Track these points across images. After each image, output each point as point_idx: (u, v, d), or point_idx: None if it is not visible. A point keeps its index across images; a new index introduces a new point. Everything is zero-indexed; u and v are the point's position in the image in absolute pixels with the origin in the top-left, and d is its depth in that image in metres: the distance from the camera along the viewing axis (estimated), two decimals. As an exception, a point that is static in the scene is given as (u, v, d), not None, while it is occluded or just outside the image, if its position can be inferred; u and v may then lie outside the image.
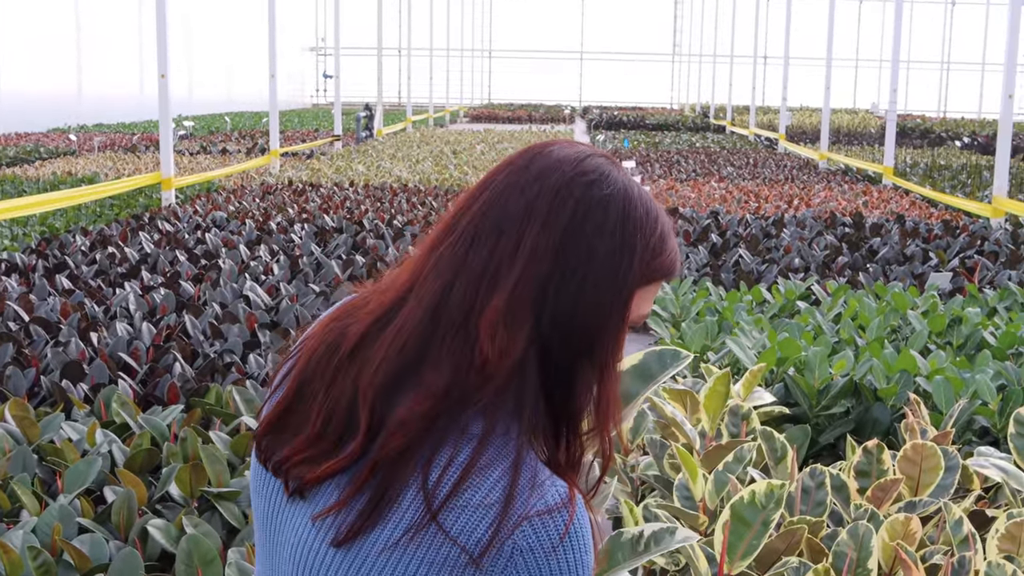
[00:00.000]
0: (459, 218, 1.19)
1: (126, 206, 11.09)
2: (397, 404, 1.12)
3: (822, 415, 4.12)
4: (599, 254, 1.13)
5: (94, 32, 27.97)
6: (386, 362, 1.13)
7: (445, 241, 1.19)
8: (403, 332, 1.14)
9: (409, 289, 1.19)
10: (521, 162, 1.20)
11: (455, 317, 1.13)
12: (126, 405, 4.13)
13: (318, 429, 1.16)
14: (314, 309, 6.14)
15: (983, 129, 29.34)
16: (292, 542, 1.18)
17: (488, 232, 1.15)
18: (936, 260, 8.23)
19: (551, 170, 1.17)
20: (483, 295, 1.12)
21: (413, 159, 16.99)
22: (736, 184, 14.43)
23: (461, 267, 1.15)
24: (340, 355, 1.17)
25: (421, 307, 1.15)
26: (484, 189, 1.20)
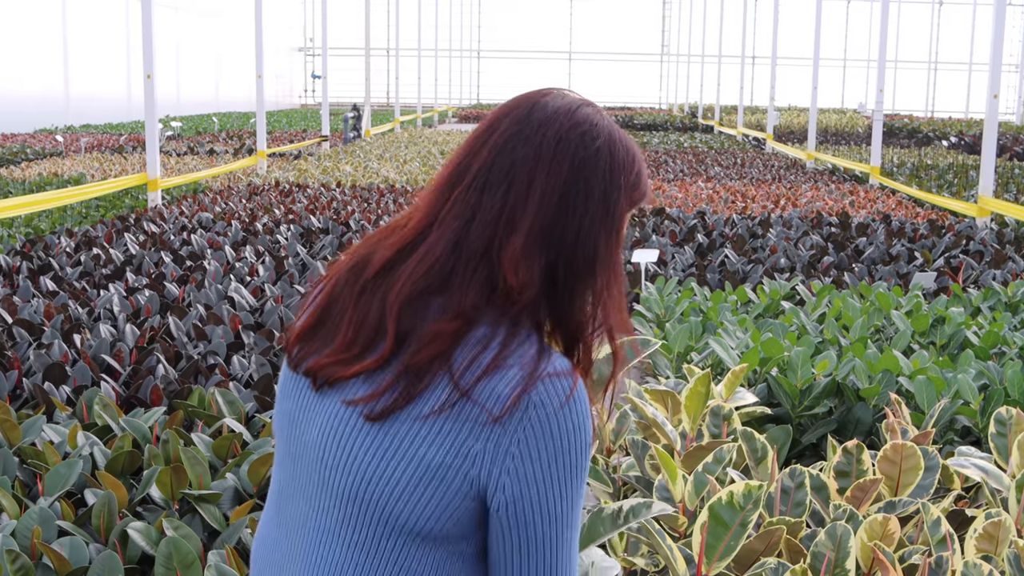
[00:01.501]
0: (469, 162, 1.38)
1: (112, 207, 11.06)
2: (422, 318, 1.32)
3: (805, 415, 4.13)
4: (595, 193, 1.36)
5: (81, 33, 27.89)
6: (411, 282, 1.33)
7: (459, 184, 1.37)
8: (428, 258, 1.34)
9: (428, 226, 1.37)
10: (521, 112, 1.39)
11: (477, 249, 1.33)
12: (108, 407, 4.12)
13: (348, 338, 1.35)
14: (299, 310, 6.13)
15: (970, 129, 29.43)
16: (320, 425, 1.37)
17: (500, 178, 1.35)
18: (921, 260, 8.26)
19: (550, 121, 1.37)
20: (502, 233, 1.33)
21: (401, 160, 16.98)
22: (723, 184, 14.45)
23: (477, 208, 1.34)
24: (366, 277, 1.38)
25: (443, 240, 1.34)
26: (490, 134, 1.39)
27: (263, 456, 3.47)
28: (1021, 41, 43.57)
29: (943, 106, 47.37)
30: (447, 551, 1.35)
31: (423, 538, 1.33)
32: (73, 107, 27.64)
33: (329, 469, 1.36)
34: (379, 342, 1.33)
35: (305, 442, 1.39)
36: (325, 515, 1.37)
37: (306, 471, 1.39)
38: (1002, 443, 3.42)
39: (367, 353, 1.33)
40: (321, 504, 1.37)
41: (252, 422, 4.22)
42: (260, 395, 4.43)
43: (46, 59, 26.44)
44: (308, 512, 1.39)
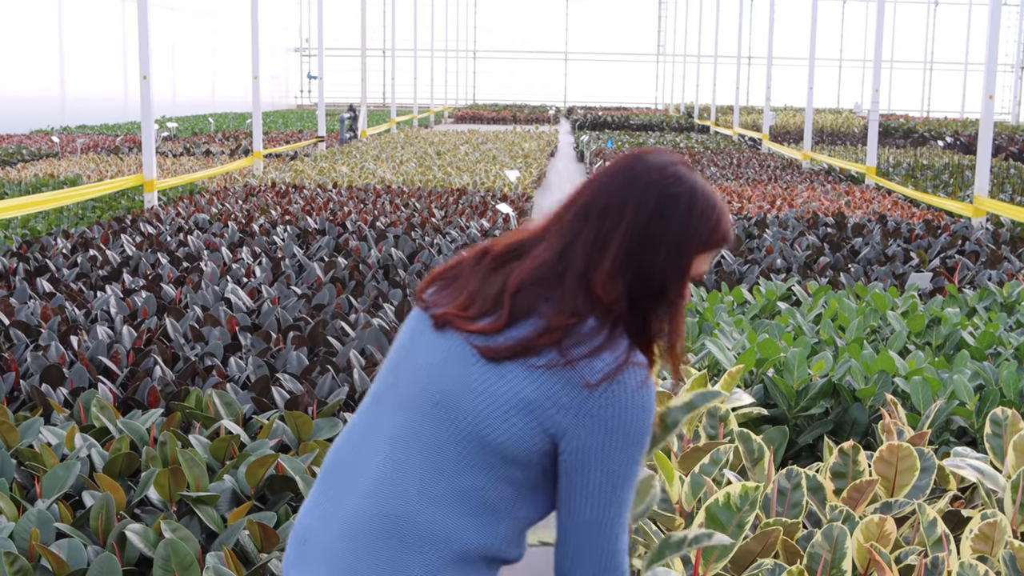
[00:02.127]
0: (578, 197, 1.77)
1: (108, 208, 11.06)
2: (534, 307, 1.71)
3: (801, 416, 4.14)
4: (671, 234, 1.70)
5: (77, 33, 27.87)
6: (527, 273, 1.73)
7: (569, 211, 1.77)
8: (537, 259, 1.74)
9: (540, 238, 1.78)
10: (626, 162, 1.77)
11: (578, 266, 1.71)
12: (105, 409, 4.12)
13: (465, 302, 1.76)
14: (295, 312, 6.14)
15: (965, 129, 29.47)
16: (438, 352, 1.76)
17: (598, 211, 1.73)
18: (917, 260, 8.27)
19: (646, 172, 1.74)
20: (595, 256, 1.71)
21: (397, 160, 16.98)
22: (720, 184, 14.46)
23: (580, 231, 1.73)
24: (486, 261, 1.79)
25: (551, 250, 1.74)
26: (600, 176, 1.78)
27: (261, 458, 3.47)
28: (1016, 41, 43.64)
29: (939, 106, 47.42)
30: (503, 471, 1.72)
31: (492, 451, 1.70)
32: (69, 108, 27.62)
33: (436, 383, 1.74)
34: (495, 311, 1.73)
35: (416, 364, 1.77)
36: (416, 419, 1.75)
37: (409, 386, 1.77)
38: (998, 444, 3.43)
39: (483, 317, 1.73)
40: (414, 411, 1.75)
41: (249, 424, 4.23)
42: (257, 396, 4.43)
43: (42, 60, 26.43)
44: (399, 418, 1.77)
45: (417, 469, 1.72)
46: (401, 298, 6.52)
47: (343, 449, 1.86)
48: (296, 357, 5.02)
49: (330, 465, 1.86)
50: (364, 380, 4.72)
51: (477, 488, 1.71)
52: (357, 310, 6.19)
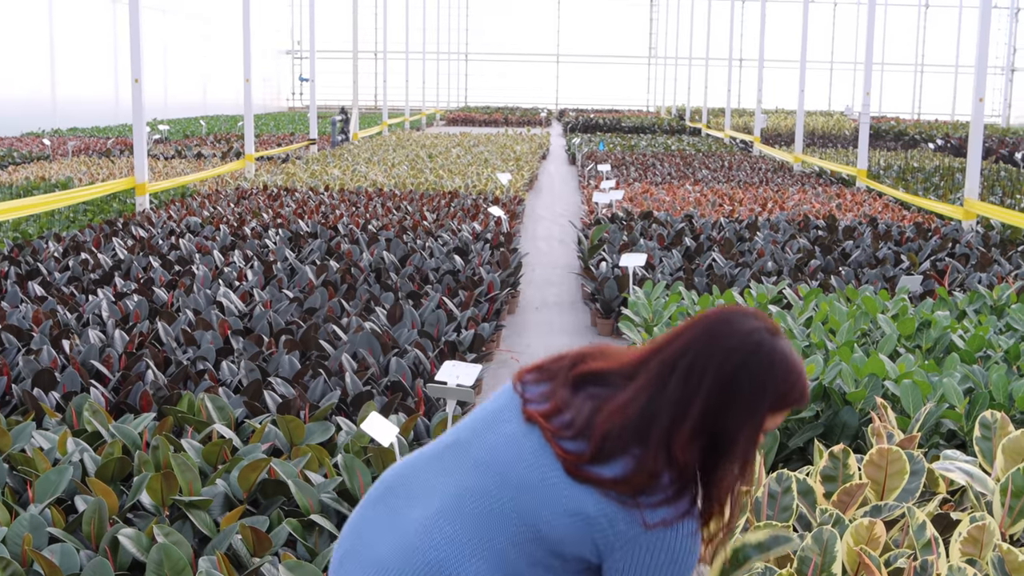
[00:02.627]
0: (665, 347, 1.89)
1: (100, 211, 11.05)
2: (621, 455, 1.84)
3: (791, 419, 4.16)
4: (745, 397, 1.83)
5: (68, 35, 27.81)
6: (616, 424, 1.85)
7: (655, 360, 1.89)
8: (627, 411, 1.86)
9: (630, 377, 1.91)
10: (711, 325, 1.88)
11: (662, 422, 1.83)
12: (98, 413, 4.12)
13: (553, 410, 1.91)
14: (287, 315, 6.14)
15: (956, 131, 29.55)
16: (518, 436, 1.91)
17: (684, 368, 1.85)
18: (908, 263, 8.30)
19: (728, 337, 1.85)
20: (678, 418, 1.83)
21: (389, 163, 16.99)
22: (711, 187, 14.49)
23: (666, 383, 1.85)
24: (574, 372, 1.94)
25: (638, 403, 1.85)
26: (685, 333, 1.89)
27: (253, 462, 3.48)
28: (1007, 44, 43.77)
29: (929, 108, 47.55)
30: (545, 558, 1.86)
31: (541, 540, 1.85)
32: (60, 110, 27.56)
33: (511, 465, 1.89)
34: (582, 438, 1.86)
35: (497, 437, 1.93)
36: (481, 485, 1.90)
37: (484, 453, 1.92)
38: (987, 447, 3.45)
39: (570, 438, 1.87)
40: (483, 478, 1.90)
41: (242, 428, 4.24)
42: (250, 400, 4.44)
43: (32, 62, 26.37)
44: (466, 480, 1.92)
45: (470, 529, 1.87)
46: (393, 301, 6.53)
47: (408, 479, 2.01)
48: (288, 361, 5.03)
49: (394, 485, 2.02)
50: (356, 384, 4.73)
51: (516, 565, 1.86)
52: (349, 313, 6.20)
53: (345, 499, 3.57)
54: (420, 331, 5.76)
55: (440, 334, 5.90)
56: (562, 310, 8.22)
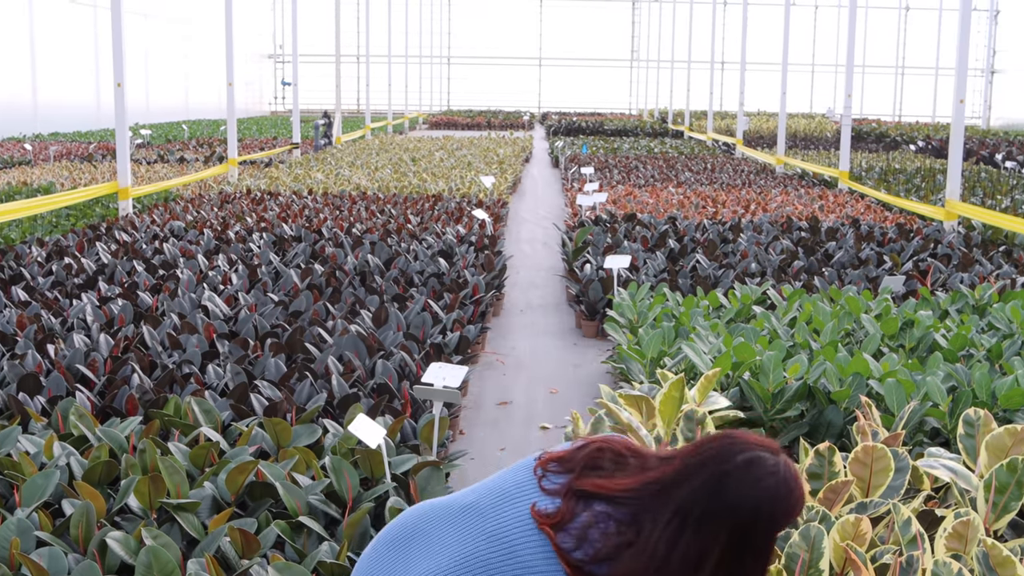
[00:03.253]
0: (683, 480, 1.81)
1: (83, 216, 11.01)
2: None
3: (777, 418, 4.18)
4: (753, 556, 1.77)
5: (49, 41, 27.70)
6: (634, 568, 1.79)
7: (670, 497, 1.80)
8: (636, 561, 1.79)
9: (635, 515, 1.82)
10: (726, 466, 1.78)
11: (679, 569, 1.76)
12: (84, 417, 4.12)
13: (560, 519, 1.86)
14: (272, 319, 6.14)
15: (937, 133, 29.70)
16: (521, 515, 1.90)
17: (695, 528, 1.76)
18: (890, 263, 8.35)
19: (744, 500, 1.76)
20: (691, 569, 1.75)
21: (372, 167, 16.98)
22: (694, 189, 14.54)
23: (675, 543, 1.76)
24: (584, 484, 1.88)
25: (645, 554, 1.77)
26: (700, 470, 1.80)
27: (241, 465, 3.48)
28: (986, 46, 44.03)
29: (910, 110, 47.77)
30: None
31: None
32: (41, 115, 27.44)
33: (516, 543, 1.87)
34: (591, 562, 1.80)
35: (509, 519, 1.91)
36: (478, 555, 1.89)
37: (489, 528, 1.91)
38: (970, 444, 3.48)
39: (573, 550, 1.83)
40: (480, 548, 1.89)
41: (228, 431, 4.23)
42: (236, 404, 4.44)
43: (13, 67, 26.25)
44: (461, 546, 1.92)
45: None
46: (378, 304, 6.54)
47: (426, 529, 2.01)
48: (274, 364, 5.03)
49: (408, 533, 2.03)
50: (342, 386, 4.73)
51: None
52: (334, 316, 6.20)
53: (333, 501, 3.58)
54: (406, 334, 5.76)
55: (426, 336, 5.91)
56: (547, 312, 8.23)
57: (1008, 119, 41.66)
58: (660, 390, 3.56)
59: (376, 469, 3.73)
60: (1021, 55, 41.14)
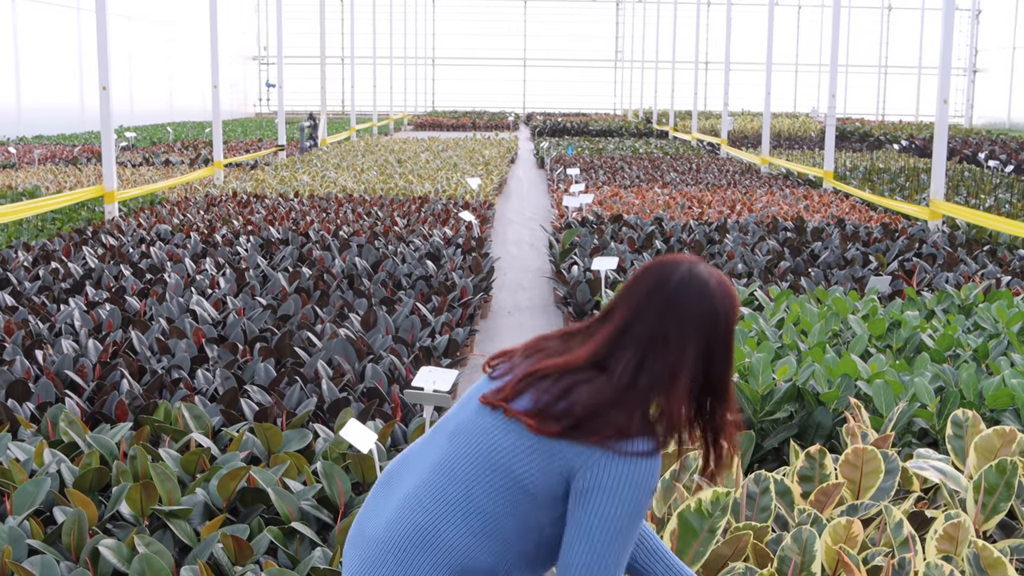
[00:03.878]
0: (634, 325, 1.99)
1: (68, 220, 10.98)
2: (598, 422, 1.94)
3: (766, 420, 4.20)
4: (723, 351, 2.00)
5: (32, 43, 27.60)
6: (592, 399, 1.94)
7: (627, 333, 1.99)
8: (599, 395, 1.95)
9: (603, 357, 2.00)
10: (670, 300, 1.98)
11: (652, 384, 1.95)
12: (74, 424, 4.11)
13: (512, 389, 2.03)
14: (261, 323, 6.13)
15: (920, 132, 29.83)
16: (471, 418, 2.06)
17: (659, 354, 1.95)
18: (876, 263, 8.38)
19: (701, 308, 1.98)
20: (667, 384, 1.94)
21: (358, 168, 16.97)
22: (680, 190, 14.57)
23: (640, 372, 1.95)
24: (535, 361, 2.06)
25: (611, 384, 1.96)
26: (634, 301, 2.01)
27: (232, 471, 3.48)
28: (968, 45, 44.23)
29: (893, 109, 47.97)
30: (522, 503, 1.96)
31: (516, 483, 1.95)
32: (25, 118, 27.34)
33: (480, 429, 2.02)
34: (548, 410, 1.96)
35: (468, 413, 2.06)
36: (458, 449, 2.02)
37: (460, 423, 2.06)
38: (959, 445, 3.50)
39: (527, 409, 2.00)
40: (458, 443, 2.03)
41: (219, 436, 4.23)
42: (226, 409, 4.44)
43: (-4, 70, 26.16)
44: (447, 447, 2.04)
45: (449, 492, 2.01)
46: (366, 307, 6.54)
47: (403, 462, 2.17)
48: (264, 369, 5.03)
49: (392, 471, 2.17)
50: (332, 391, 4.73)
51: (495, 514, 1.97)
52: (323, 320, 6.20)
53: (325, 506, 3.58)
54: (395, 337, 5.77)
55: (415, 340, 5.91)
56: (534, 314, 8.24)
57: (990, 118, 41.87)
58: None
59: (368, 474, 3.74)
60: (1002, 54, 41.36)
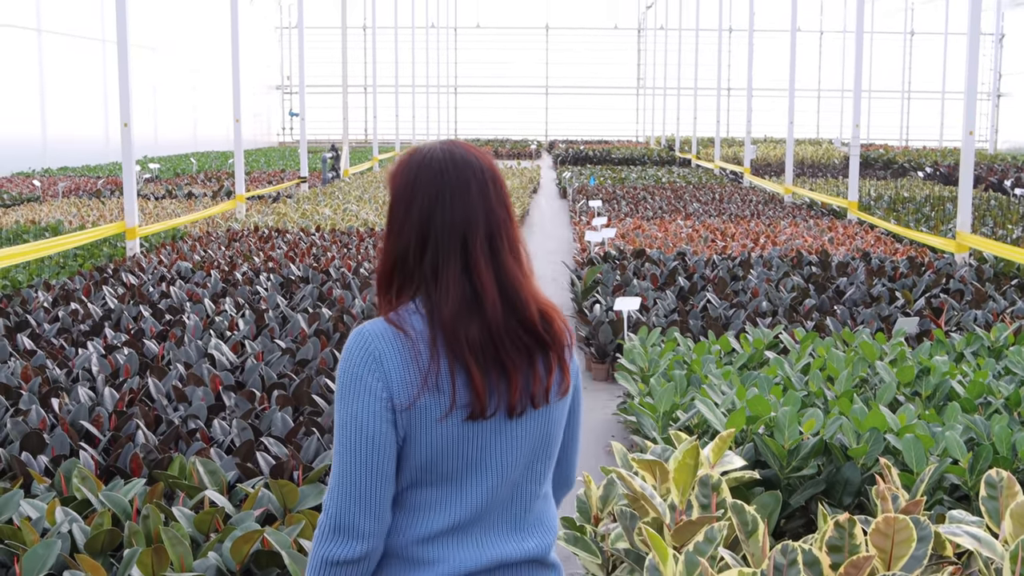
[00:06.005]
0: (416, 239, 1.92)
1: (90, 256, 10.98)
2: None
3: (792, 476, 4.10)
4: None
5: (58, 75, 27.82)
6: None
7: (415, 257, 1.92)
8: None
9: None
10: (431, 205, 1.89)
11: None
12: (87, 480, 4.05)
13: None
14: (279, 367, 6.07)
15: (945, 158, 29.63)
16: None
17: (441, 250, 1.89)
18: (903, 300, 8.26)
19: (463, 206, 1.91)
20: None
21: (380, 201, 16.95)
22: (703, 221, 14.47)
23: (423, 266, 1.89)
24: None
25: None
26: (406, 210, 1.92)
27: (246, 534, 3.41)
28: (992, 69, 44.01)
29: (917, 134, 47.74)
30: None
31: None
32: (50, 149, 27.52)
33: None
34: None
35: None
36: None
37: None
38: (993, 507, 3.39)
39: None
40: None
41: (234, 491, 4.16)
42: (242, 462, 4.37)
43: (22, 101, 26.34)
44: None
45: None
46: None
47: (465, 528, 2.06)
48: (281, 418, 4.96)
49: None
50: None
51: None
52: (342, 365, 6.12)
53: (340, 569, 3.50)
54: (414, 383, 5.68)
55: (434, 385, 5.83)
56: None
57: (1015, 142, 41.56)
58: (674, 453, 3.49)
59: (384, 534, 3.65)
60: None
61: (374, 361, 1.79)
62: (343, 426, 1.78)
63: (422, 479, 1.83)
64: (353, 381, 1.78)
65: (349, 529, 1.77)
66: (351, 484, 1.77)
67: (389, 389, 1.78)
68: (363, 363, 1.79)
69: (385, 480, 1.79)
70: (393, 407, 1.78)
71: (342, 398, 1.78)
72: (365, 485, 1.77)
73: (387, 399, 1.77)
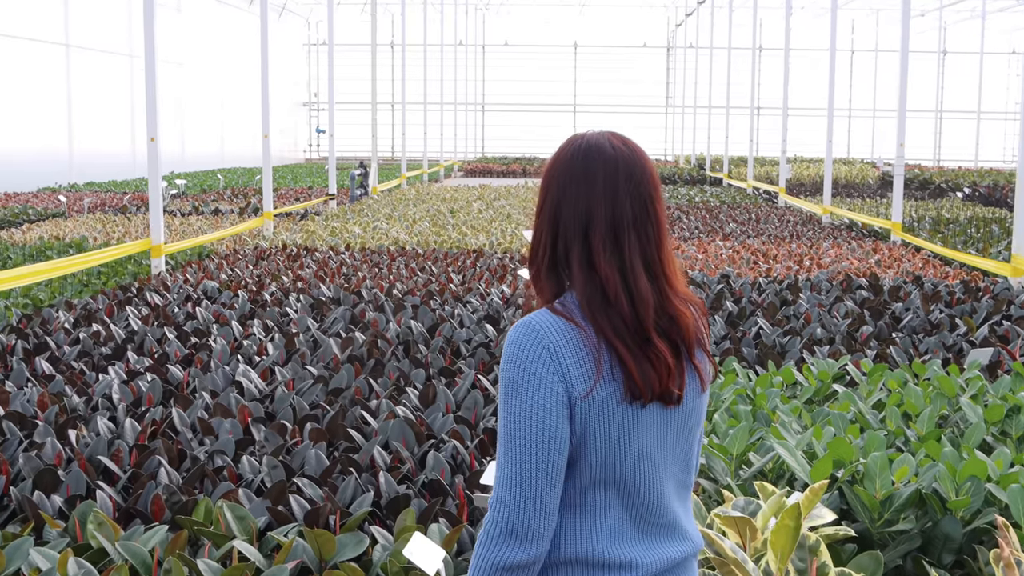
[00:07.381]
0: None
1: (114, 274, 10.66)
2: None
3: (884, 531, 3.68)
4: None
5: (85, 90, 27.69)
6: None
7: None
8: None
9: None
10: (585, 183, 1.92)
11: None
12: (104, 526, 3.68)
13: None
14: (311, 397, 5.69)
15: (982, 179, 29.09)
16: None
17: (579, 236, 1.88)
18: (965, 328, 7.82)
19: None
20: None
21: (410, 219, 16.61)
22: (742, 242, 14.05)
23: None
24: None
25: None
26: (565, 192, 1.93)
27: (280, 596, 3.03)
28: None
29: (950, 155, 47.10)
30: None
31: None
32: (77, 164, 27.36)
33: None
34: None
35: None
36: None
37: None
38: None
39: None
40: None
41: (264, 540, 3.78)
42: (273, 506, 3.98)
43: (50, 116, 26.21)
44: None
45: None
46: (424, 379, 6.09)
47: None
48: (315, 455, 4.57)
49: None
50: (391, 484, 4.26)
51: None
52: (378, 395, 5.75)
53: (385, 635, 3.11)
54: (456, 416, 5.29)
55: (477, 419, 5.44)
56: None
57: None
58: (762, 509, 3.09)
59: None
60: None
61: (548, 354, 1.72)
62: (514, 423, 1.71)
63: (601, 478, 1.76)
64: (527, 376, 1.71)
65: (523, 532, 1.70)
66: (525, 484, 1.69)
67: (565, 383, 1.72)
68: (536, 357, 1.72)
69: (558, 479, 1.72)
70: (570, 401, 1.72)
71: (513, 394, 1.71)
72: (539, 485, 1.70)
73: (563, 393, 1.71)
